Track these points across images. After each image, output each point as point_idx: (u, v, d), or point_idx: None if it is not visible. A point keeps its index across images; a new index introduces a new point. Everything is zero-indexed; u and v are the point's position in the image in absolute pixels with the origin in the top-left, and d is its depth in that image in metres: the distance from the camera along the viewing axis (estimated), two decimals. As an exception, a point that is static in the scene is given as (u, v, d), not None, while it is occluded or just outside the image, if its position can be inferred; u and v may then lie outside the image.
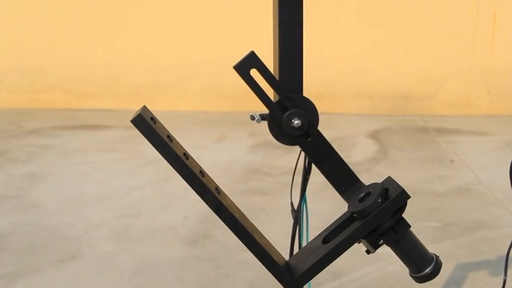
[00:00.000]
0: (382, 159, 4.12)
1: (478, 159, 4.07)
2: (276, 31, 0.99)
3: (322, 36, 5.27)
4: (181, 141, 1.00)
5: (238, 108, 5.31)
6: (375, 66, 5.35)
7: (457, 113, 5.37)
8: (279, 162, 4.00)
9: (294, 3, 0.97)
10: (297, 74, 1.00)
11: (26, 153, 4.24)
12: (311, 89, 5.30)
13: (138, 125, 0.88)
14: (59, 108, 5.62)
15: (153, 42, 5.49)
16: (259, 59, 0.96)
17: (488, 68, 5.28)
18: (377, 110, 5.41)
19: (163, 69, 5.53)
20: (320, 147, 1.01)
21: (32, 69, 5.63)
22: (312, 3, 5.18)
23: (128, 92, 5.60)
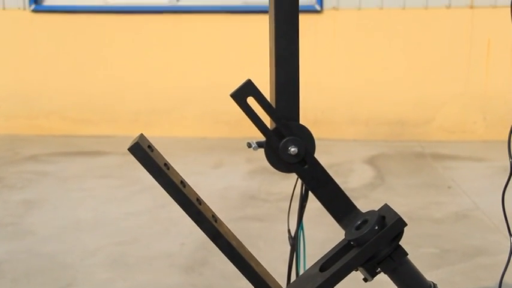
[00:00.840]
0: (379, 185, 4.12)
1: (475, 185, 4.08)
2: (273, 60, 1.01)
3: (318, 62, 5.32)
4: (178, 168, 1.00)
5: (235, 134, 5.33)
6: (371, 93, 5.39)
7: (454, 138, 5.39)
8: (276, 188, 4.00)
9: (290, 35, 0.99)
10: (293, 102, 1.01)
11: (22, 180, 4.23)
12: (308, 115, 5.33)
13: (136, 153, 0.88)
14: (56, 135, 5.62)
15: (150, 69, 5.53)
16: (255, 87, 0.97)
17: (484, 94, 5.32)
18: (374, 136, 5.43)
19: (160, 96, 5.55)
20: (317, 175, 1.01)
21: (29, 95, 5.65)
22: (309, 30, 5.24)
23: (125, 118, 5.61)
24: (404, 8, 5.21)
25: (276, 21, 1.00)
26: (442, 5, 5.18)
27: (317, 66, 5.31)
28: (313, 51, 5.27)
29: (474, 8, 5.17)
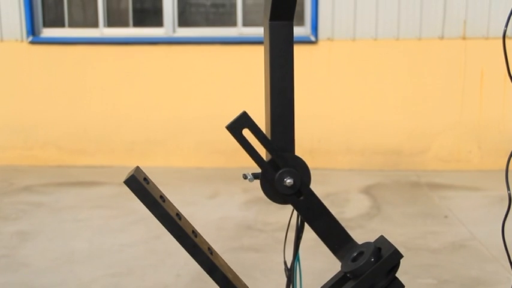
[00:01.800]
0: (376, 214, 4.10)
1: (472, 215, 4.07)
2: (268, 92, 1.01)
3: (314, 92, 5.35)
4: (174, 198, 1.00)
5: (231, 164, 5.33)
6: (366, 122, 5.41)
7: (449, 168, 5.40)
8: (272, 218, 3.98)
9: (285, 66, 0.99)
10: (288, 133, 1.02)
11: (16, 210, 4.20)
12: (304, 144, 5.35)
13: (131, 185, 0.88)
14: (51, 165, 5.61)
15: (146, 99, 5.55)
16: (251, 119, 0.97)
17: (478, 123, 5.35)
18: (369, 166, 5.44)
19: (156, 126, 5.57)
20: (312, 206, 1.01)
21: (25, 126, 5.66)
22: (304, 61, 5.29)
23: (121, 148, 5.61)
24: (398, 39, 5.27)
25: (271, 53, 1.01)
26: (435, 36, 5.25)
27: (313, 96, 5.35)
28: (308, 82, 5.32)
29: (467, 39, 5.24)
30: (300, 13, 5.37)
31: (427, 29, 5.24)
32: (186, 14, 5.68)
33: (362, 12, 5.25)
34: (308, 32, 5.36)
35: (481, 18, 5.19)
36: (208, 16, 5.77)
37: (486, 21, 5.19)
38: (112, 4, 5.67)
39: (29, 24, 5.49)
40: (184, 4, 5.65)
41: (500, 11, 5.14)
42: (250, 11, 5.54)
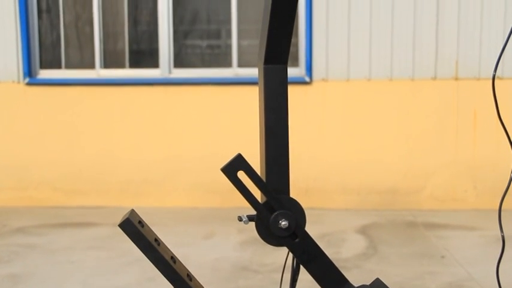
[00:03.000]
0: (372, 255, 4.07)
1: (469, 255, 4.04)
2: (262, 134, 1.02)
3: (308, 133, 5.38)
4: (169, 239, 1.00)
5: (226, 204, 5.31)
6: (361, 162, 5.43)
7: (445, 207, 5.39)
8: (268, 259, 3.95)
9: (280, 108, 1.01)
10: (283, 175, 1.02)
11: (9, 253, 4.16)
12: (299, 184, 5.35)
13: (126, 229, 0.88)
14: (45, 206, 5.57)
15: (141, 139, 5.56)
16: (245, 161, 0.98)
17: (473, 162, 5.37)
18: (365, 205, 5.43)
19: (151, 166, 5.56)
20: (308, 248, 1.01)
21: (19, 166, 5.64)
22: (299, 101, 5.33)
23: (116, 188, 5.59)
24: (391, 80, 5.34)
25: (265, 96, 1.02)
26: (428, 77, 5.32)
27: (308, 136, 5.37)
28: (303, 122, 5.35)
29: (459, 80, 5.31)
30: (294, 54, 5.44)
31: (420, 70, 5.31)
32: (181, 55, 5.75)
33: (355, 53, 5.33)
34: (302, 72, 5.42)
35: (473, 59, 5.27)
36: (203, 57, 5.85)
37: (477, 63, 5.27)
38: (109, 45, 5.74)
39: (26, 65, 5.54)
40: (180, 45, 5.72)
41: (491, 53, 5.23)
42: (246, 52, 5.62)
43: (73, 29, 5.77)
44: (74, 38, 5.78)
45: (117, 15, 5.73)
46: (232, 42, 5.56)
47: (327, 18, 5.31)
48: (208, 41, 5.85)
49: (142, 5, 5.82)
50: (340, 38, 5.32)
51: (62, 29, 5.72)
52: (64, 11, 5.71)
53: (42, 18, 5.72)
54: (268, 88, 1.01)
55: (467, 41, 5.26)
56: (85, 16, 5.73)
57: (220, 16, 5.73)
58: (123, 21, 5.71)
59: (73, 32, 5.77)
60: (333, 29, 5.32)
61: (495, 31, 5.21)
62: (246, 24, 5.59)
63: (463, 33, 5.25)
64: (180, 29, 5.70)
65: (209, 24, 5.84)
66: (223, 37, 5.76)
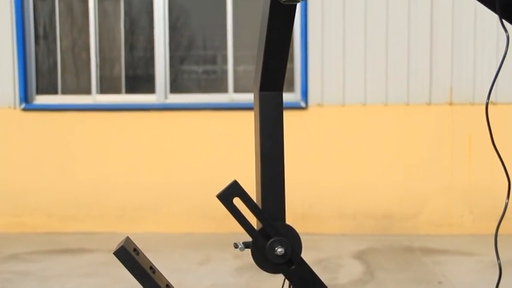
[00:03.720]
0: (369, 280, 4.05)
1: (466, 280, 4.02)
2: (258, 161, 1.03)
3: (304, 158, 5.38)
4: (164, 265, 0.99)
5: (223, 229, 5.27)
6: (357, 186, 5.42)
7: (442, 232, 5.38)
8: (264, 285, 3.91)
9: (275, 135, 1.01)
10: (279, 202, 1.02)
11: (2, 280, 4.11)
12: (295, 209, 5.33)
13: (121, 257, 0.87)
14: (40, 232, 5.53)
15: (137, 165, 5.56)
16: (241, 188, 0.98)
17: (468, 187, 5.37)
18: (361, 230, 5.41)
19: (147, 191, 5.54)
20: (304, 275, 1.00)
21: (13, 192, 5.61)
22: (294, 127, 5.35)
23: (111, 214, 5.56)
24: (386, 105, 5.37)
25: (261, 122, 1.03)
26: (422, 102, 5.35)
27: (303, 161, 5.37)
28: (299, 147, 5.36)
29: (453, 105, 5.34)
30: (290, 79, 5.47)
31: (415, 95, 5.35)
32: (178, 81, 5.77)
33: (351, 78, 5.36)
34: (298, 98, 5.45)
35: (467, 85, 5.31)
36: (200, 82, 5.87)
37: (472, 88, 5.31)
38: (105, 71, 5.76)
39: (22, 91, 5.55)
40: (176, 71, 5.75)
41: (484, 78, 5.27)
42: (241, 78, 5.65)
43: (70, 54, 5.80)
44: (71, 64, 5.81)
45: (114, 41, 5.77)
46: (228, 67, 5.60)
47: (322, 44, 5.36)
48: (204, 67, 5.89)
49: (139, 30, 5.87)
50: (336, 63, 5.36)
51: (59, 55, 5.75)
52: (61, 36, 5.75)
53: (39, 44, 5.75)
54: (263, 115, 1.02)
55: (461, 66, 5.31)
56: (82, 42, 5.77)
57: (216, 42, 5.78)
58: (119, 47, 5.74)
59: (70, 58, 5.80)
60: (328, 54, 5.36)
61: (488, 57, 5.26)
62: (242, 50, 5.63)
63: (456, 59, 5.30)
64: (176, 54, 5.74)
65: (205, 50, 5.88)
66: (219, 63, 5.80)
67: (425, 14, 5.30)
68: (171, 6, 5.65)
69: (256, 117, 1.04)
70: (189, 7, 5.82)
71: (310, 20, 5.36)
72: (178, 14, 5.82)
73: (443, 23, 5.30)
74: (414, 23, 5.30)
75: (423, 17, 5.30)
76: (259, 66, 1.04)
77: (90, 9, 5.62)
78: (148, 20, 5.71)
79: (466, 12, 5.23)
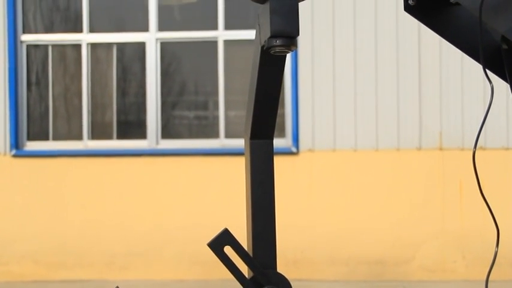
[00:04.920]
0: (363, 328, 3.97)
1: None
2: (249, 209, 1.02)
3: (296, 203, 5.36)
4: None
5: (213, 276, 5.20)
6: (349, 232, 5.39)
7: (435, 278, 5.32)
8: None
9: (266, 184, 1.01)
10: (270, 250, 1.01)
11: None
12: (287, 255, 5.28)
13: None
14: (27, 281, 5.42)
15: (127, 210, 5.51)
16: (232, 236, 0.97)
17: (460, 233, 5.35)
18: (354, 276, 5.35)
19: (137, 238, 5.48)
20: (296, 325, 0.99)
21: (1, 240, 5.52)
22: (286, 172, 5.35)
23: (100, 261, 5.47)
24: (377, 150, 5.40)
25: (251, 170, 1.03)
26: (413, 147, 5.38)
27: (295, 207, 5.35)
28: (291, 192, 5.34)
29: (443, 150, 5.38)
30: (281, 125, 5.51)
31: (405, 140, 5.38)
32: (169, 126, 5.79)
33: (341, 124, 5.41)
34: (289, 143, 5.47)
35: (456, 130, 5.36)
36: (191, 128, 5.90)
37: (461, 133, 5.36)
38: (97, 117, 5.78)
39: (13, 137, 5.54)
40: (168, 116, 5.78)
41: (473, 123, 5.33)
42: (233, 123, 5.68)
43: (62, 100, 5.82)
44: (62, 110, 5.83)
45: (106, 87, 5.81)
46: (219, 113, 5.63)
47: (313, 90, 5.42)
48: (195, 112, 5.92)
49: (131, 76, 5.92)
50: (326, 109, 5.42)
51: (51, 101, 5.77)
52: (53, 83, 5.78)
53: (31, 91, 5.78)
54: (254, 163, 1.02)
55: (450, 112, 5.37)
56: (74, 88, 5.80)
57: (208, 87, 5.83)
58: (111, 93, 5.78)
59: (61, 104, 5.82)
60: (319, 100, 5.42)
61: (476, 102, 5.33)
62: (233, 95, 5.68)
63: (445, 105, 5.37)
64: (168, 100, 5.77)
65: (197, 96, 5.93)
66: (210, 108, 5.84)
67: (413, 62, 5.39)
68: (163, 52, 5.73)
69: (247, 165, 1.05)
70: (181, 53, 5.90)
71: (301, 66, 5.44)
72: (170, 60, 5.89)
73: (431, 70, 5.39)
74: (403, 70, 5.39)
75: (411, 65, 5.39)
76: (250, 114, 1.05)
77: (83, 56, 5.68)
78: (141, 66, 5.77)
79: (453, 60, 5.32)
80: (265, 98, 1.02)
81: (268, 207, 1.01)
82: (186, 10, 5.90)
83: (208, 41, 5.68)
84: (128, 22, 5.89)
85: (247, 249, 1.01)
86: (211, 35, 5.64)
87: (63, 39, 5.77)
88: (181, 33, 5.70)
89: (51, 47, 5.77)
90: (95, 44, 5.75)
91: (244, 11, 5.66)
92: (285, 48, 0.95)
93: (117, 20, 5.91)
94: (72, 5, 5.84)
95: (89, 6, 5.70)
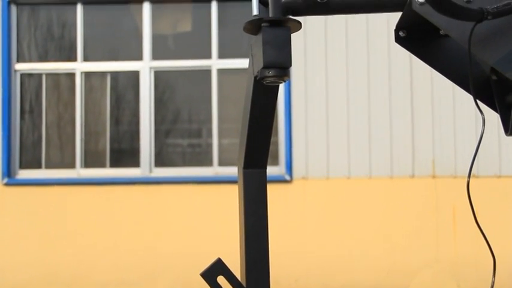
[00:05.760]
0: None
1: None
2: (243, 238, 1.02)
3: (290, 231, 5.34)
4: None
5: (206, 306, 5.14)
6: (343, 260, 5.36)
7: (430, 306, 5.29)
8: None
9: (259, 212, 1.01)
10: (263, 279, 1.01)
11: None
12: (281, 283, 5.23)
13: None
14: (17, 311, 5.34)
15: (120, 239, 5.46)
16: (225, 266, 0.97)
17: (455, 261, 5.34)
18: (349, 306, 5.30)
19: (130, 266, 5.42)
20: None
21: (-7, 269, 5.46)
22: (279, 200, 5.34)
23: (92, 291, 5.41)
24: (370, 178, 5.41)
25: (245, 200, 1.03)
26: (406, 175, 5.40)
27: (289, 235, 5.33)
28: (284, 220, 5.33)
29: (436, 178, 5.39)
30: (274, 153, 5.52)
31: (398, 168, 5.40)
32: (163, 154, 5.79)
33: (335, 151, 5.42)
34: (283, 171, 5.47)
35: (448, 158, 5.39)
36: (184, 156, 5.89)
37: (453, 161, 5.38)
38: (90, 145, 5.77)
39: (5, 166, 5.52)
40: (161, 144, 5.78)
41: (465, 151, 5.36)
42: (226, 151, 5.68)
43: (55, 128, 5.82)
44: (55, 138, 5.82)
45: (100, 115, 5.81)
46: (213, 141, 5.64)
47: (306, 117, 5.45)
48: (189, 140, 5.92)
49: (125, 104, 5.93)
50: (319, 136, 5.44)
51: (44, 129, 5.77)
52: (47, 111, 5.79)
53: (24, 119, 5.78)
54: (247, 192, 1.02)
55: (442, 140, 5.40)
56: (67, 116, 5.81)
57: (201, 115, 5.85)
58: (105, 121, 5.78)
59: (55, 132, 5.82)
60: (312, 127, 5.44)
61: (468, 130, 5.37)
62: (227, 123, 5.70)
63: (437, 133, 5.41)
64: (161, 128, 5.78)
65: (190, 123, 5.94)
66: (204, 136, 5.85)
67: (405, 91, 5.44)
68: (157, 81, 5.76)
69: (240, 195, 1.05)
70: (175, 81, 5.93)
71: (294, 94, 5.47)
72: (164, 88, 5.92)
73: (423, 99, 5.43)
74: (395, 99, 5.44)
75: (404, 93, 5.44)
76: (243, 143, 1.06)
77: (77, 84, 5.70)
78: (134, 94, 5.79)
79: (444, 88, 5.37)
80: (259, 128, 1.03)
81: (261, 237, 1.01)
82: (180, 39, 5.95)
83: (202, 69, 5.72)
84: (122, 51, 5.93)
85: (240, 279, 1.01)
86: (205, 64, 5.68)
87: (57, 68, 5.79)
88: (175, 62, 5.75)
89: (45, 76, 5.79)
90: (89, 72, 5.78)
91: (237, 40, 5.72)
92: (277, 79, 0.96)
93: (111, 48, 5.95)
94: (66, 34, 5.88)
95: (83, 35, 5.75)
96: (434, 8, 0.89)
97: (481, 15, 0.91)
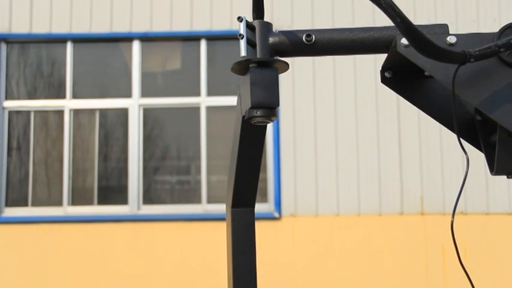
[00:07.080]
0: None
1: None
2: (230, 277, 1.01)
3: (278, 268, 5.29)
4: None
5: None
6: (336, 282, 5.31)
7: None
8: None
9: (247, 252, 1.01)
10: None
11: None
12: (270, 324, 5.15)
13: None
14: None
15: (107, 276, 5.38)
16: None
17: (445, 298, 5.30)
18: None
19: (116, 307, 5.33)
20: None
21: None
22: (268, 237, 5.30)
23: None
24: (359, 215, 5.40)
25: (233, 239, 1.02)
26: (395, 212, 5.40)
27: (277, 272, 5.28)
28: (273, 258, 5.28)
29: (425, 215, 5.40)
30: (263, 190, 5.51)
31: (387, 206, 5.40)
32: (151, 191, 5.76)
33: (323, 189, 5.42)
34: (272, 208, 5.45)
35: (436, 195, 5.40)
36: (173, 193, 5.86)
37: (441, 198, 5.40)
38: (77, 182, 5.73)
39: (-9, 203, 5.46)
40: (149, 181, 5.75)
41: (453, 188, 5.38)
42: (215, 188, 5.66)
43: (42, 166, 5.78)
44: (43, 175, 5.78)
45: (88, 152, 5.79)
46: (201, 178, 5.62)
47: (295, 155, 5.47)
48: (177, 177, 5.90)
49: (113, 141, 5.92)
50: (308, 174, 5.44)
51: (31, 166, 5.73)
52: (34, 148, 5.76)
53: (11, 156, 5.74)
54: (235, 231, 1.02)
55: (430, 177, 5.43)
56: (55, 153, 5.78)
57: (190, 152, 5.85)
58: (93, 158, 5.76)
59: (42, 169, 5.78)
60: (301, 165, 5.45)
61: (456, 167, 5.41)
62: (216, 160, 5.70)
63: (425, 170, 5.44)
64: (149, 165, 5.77)
65: (179, 160, 5.93)
66: (192, 173, 5.83)
67: (393, 128, 5.49)
68: (146, 118, 5.77)
69: (228, 234, 1.04)
70: (164, 119, 5.94)
71: (283, 131, 5.50)
72: (153, 125, 5.92)
73: (410, 137, 5.48)
74: (383, 136, 5.48)
75: (391, 131, 5.48)
76: (231, 182, 1.06)
77: (66, 121, 5.70)
78: (123, 131, 5.78)
79: (431, 125, 5.43)
80: (247, 166, 1.03)
81: (249, 276, 1.00)
82: (169, 77, 5.99)
83: (191, 107, 5.74)
84: (111, 88, 5.95)
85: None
86: (194, 101, 5.71)
87: (46, 105, 5.79)
88: (164, 99, 5.77)
89: (34, 113, 5.78)
90: (77, 109, 5.78)
91: (226, 78, 5.77)
92: (265, 119, 0.97)
93: (100, 86, 5.97)
94: (55, 72, 5.90)
95: (72, 72, 5.77)
96: (419, 50, 0.91)
97: (464, 57, 0.93)
